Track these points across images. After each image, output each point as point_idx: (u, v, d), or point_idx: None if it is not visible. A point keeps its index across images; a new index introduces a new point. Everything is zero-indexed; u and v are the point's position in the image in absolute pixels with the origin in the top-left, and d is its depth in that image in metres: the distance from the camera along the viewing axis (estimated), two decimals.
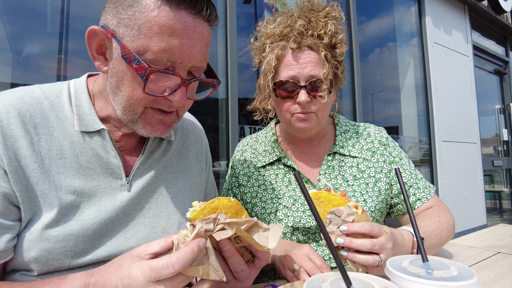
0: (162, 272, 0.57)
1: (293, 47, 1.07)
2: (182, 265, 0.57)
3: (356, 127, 1.31)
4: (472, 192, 4.73)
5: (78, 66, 2.23)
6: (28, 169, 0.73)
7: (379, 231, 0.77)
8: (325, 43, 1.08)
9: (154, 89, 0.74)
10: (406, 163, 1.23)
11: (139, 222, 0.88)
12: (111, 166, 0.85)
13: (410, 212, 0.72)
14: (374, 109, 4.34)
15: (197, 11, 0.73)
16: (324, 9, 1.12)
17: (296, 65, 1.08)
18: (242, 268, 0.70)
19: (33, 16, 2.09)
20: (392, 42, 4.77)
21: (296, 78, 1.07)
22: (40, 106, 0.79)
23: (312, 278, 0.56)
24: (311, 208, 0.62)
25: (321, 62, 1.08)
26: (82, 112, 0.83)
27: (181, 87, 0.75)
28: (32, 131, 0.76)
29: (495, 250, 1.17)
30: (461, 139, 4.72)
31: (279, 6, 3.17)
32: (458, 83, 4.83)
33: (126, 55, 0.70)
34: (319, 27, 1.08)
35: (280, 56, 1.09)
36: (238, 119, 2.78)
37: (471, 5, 5.08)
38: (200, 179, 1.07)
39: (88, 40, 0.76)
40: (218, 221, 0.64)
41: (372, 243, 0.75)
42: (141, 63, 0.69)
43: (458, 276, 0.55)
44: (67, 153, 0.79)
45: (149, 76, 0.71)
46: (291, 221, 1.11)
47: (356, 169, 1.19)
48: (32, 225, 0.74)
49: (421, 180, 1.23)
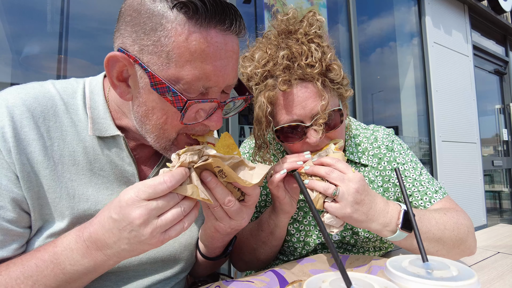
0: (157, 188, 0.58)
1: (283, 89, 0.89)
2: (176, 182, 0.59)
3: (366, 131, 1.21)
4: (472, 192, 4.73)
5: (78, 66, 2.23)
6: (40, 175, 0.71)
7: (344, 167, 0.82)
8: (316, 72, 0.91)
9: (191, 118, 0.70)
10: (409, 169, 1.11)
11: None
12: (125, 174, 0.82)
13: (410, 213, 0.72)
14: (374, 109, 4.34)
15: (227, 27, 0.66)
16: (301, 26, 0.95)
17: (294, 105, 0.91)
18: (228, 198, 0.70)
19: (33, 16, 2.09)
20: (392, 42, 4.77)
21: (300, 120, 0.92)
22: (54, 108, 0.75)
23: (312, 278, 0.56)
24: (311, 208, 0.62)
25: (319, 93, 0.91)
26: (96, 115, 0.78)
27: (217, 110, 0.72)
28: (45, 134, 0.72)
29: (495, 250, 1.17)
30: (461, 139, 4.72)
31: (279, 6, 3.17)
32: (458, 83, 4.83)
33: (157, 85, 0.65)
34: (305, 54, 0.91)
35: (272, 98, 0.93)
36: (238, 119, 2.77)
37: (471, 5, 5.07)
38: None
39: (108, 67, 0.69)
40: (203, 153, 0.66)
41: (329, 169, 0.79)
42: (177, 95, 0.64)
43: (458, 276, 0.55)
44: (80, 159, 0.76)
45: (188, 108, 0.66)
46: (303, 236, 1.10)
47: (367, 179, 1.13)
48: (42, 233, 0.72)
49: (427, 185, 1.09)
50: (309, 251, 1.11)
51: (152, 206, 0.58)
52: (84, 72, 2.22)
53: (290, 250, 1.13)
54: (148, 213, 0.58)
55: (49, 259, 0.64)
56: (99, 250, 0.62)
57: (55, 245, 0.65)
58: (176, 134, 0.73)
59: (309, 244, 1.10)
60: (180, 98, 0.64)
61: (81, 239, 0.63)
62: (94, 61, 2.30)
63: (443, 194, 1.07)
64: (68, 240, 0.64)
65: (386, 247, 1.17)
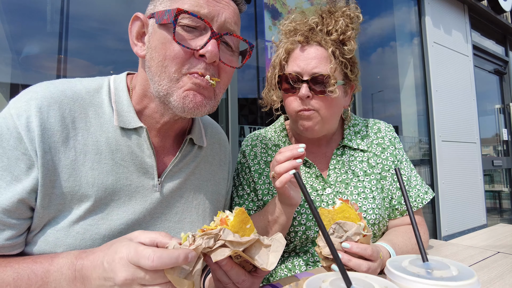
0: (141, 260, 0.55)
1: (300, 40, 1.08)
2: (162, 264, 0.55)
3: (365, 121, 1.30)
4: (472, 192, 4.73)
5: (78, 66, 2.23)
6: (60, 164, 0.74)
7: (376, 257, 0.80)
8: (333, 39, 1.08)
9: (185, 40, 0.76)
10: (405, 168, 1.21)
11: (165, 226, 0.87)
12: (144, 166, 0.84)
13: (410, 213, 0.72)
14: (374, 108, 4.34)
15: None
16: (340, 9, 1.12)
17: (302, 59, 1.08)
18: (243, 278, 0.69)
19: (33, 16, 2.09)
20: (392, 42, 4.77)
21: (300, 73, 1.07)
22: (80, 101, 0.80)
23: (312, 278, 0.56)
24: (311, 208, 0.62)
25: (328, 58, 1.07)
26: (121, 108, 0.83)
27: (211, 39, 0.76)
28: (70, 125, 0.77)
29: (495, 250, 1.17)
30: (461, 139, 4.72)
31: (279, 6, 3.17)
32: (458, 83, 4.83)
33: (160, 16, 0.75)
34: (330, 24, 1.09)
35: (290, 50, 1.11)
36: (238, 119, 2.77)
37: (471, 5, 5.07)
38: (221, 189, 1.06)
39: (131, 26, 0.82)
40: (219, 237, 0.62)
41: (368, 267, 0.77)
42: (171, 10, 0.73)
43: (458, 276, 0.55)
44: (102, 149, 0.79)
45: (178, 17, 0.73)
46: (304, 219, 1.12)
47: (366, 164, 1.19)
48: (58, 222, 0.74)
49: (414, 188, 1.20)
50: (310, 236, 1.12)
51: (139, 275, 0.56)
52: (84, 72, 2.22)
53: (290, 236, 1.14)
54: (132, 280, 0.56)
55: (40, 275, 0.65)
56: (83, 285, 0.63)
57: (51, 262, 0.66)
58: (176, 72, 0.76)
59: (310, 228, 1.11)
60: (173, 10, 0.73)
61: (74, 267, 0.64)
62: (94, 61, 2.30)
63: (432, 194, 1.20)
64: (63, 262, 0.65)
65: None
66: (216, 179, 1.04)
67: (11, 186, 0.70)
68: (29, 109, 0.72)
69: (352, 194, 1.13)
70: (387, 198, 1.17)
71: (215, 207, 1.02)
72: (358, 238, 0.78)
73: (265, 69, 3.07)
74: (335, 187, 1.15)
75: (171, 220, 0.89)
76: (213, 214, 1.00)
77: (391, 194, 1.17)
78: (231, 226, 0.66)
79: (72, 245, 0.74)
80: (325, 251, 0.78)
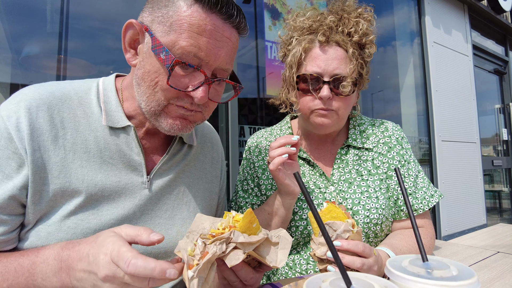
0: (119, 262, 0.56)
1: (321, 39, 1.06)
2: (135, 272, 0.54)
3: (372, 121, 1.30)
4: (472, 192, 4.72)
5: (78, 66, 2.23)
6: (50, 161, 0.76)
7: (369, 253, 0.79)
8: (354, 40, 1.08)
9: (178, 83, 0.76)
10: (412, 168, 1.18)
11: (155, 222, 0.89)
12: (133, 163, 0.86)
13: (411, 213, 0.72)
14: (374, 108, 4.34)
15: (227, 17, 0.76)
16: (356, 10, 1.12)
17: (322, 60, 1.06)
18: (251, 276, 0.71)
19: (33, 16, 2.09)
20: (392, 41, 4.76)
21: (320, 74, 1.06)
22: (68, 101, 0.82)
23: (312, 278, 0.56)
24: (311, 208, 0.62)
25: (348, 59, 1.07)
26: (109, 108, 0.85)
27: (203, 84, 0.77)
28: (59, 125, 0.79)
29: (495, 250, 1.17)
30: (461, 138, 4.72)
31: (279, 6, 3.17)
32: (458, 83, 4.82)
33: (156, 47, 0.74)
34: (350, 24, 1.08)
35: (307, 49, 1.09)
36: (238, 119, 2.77)
37: (471, 5, 5.07)
38: (214, 186, 1.08)
39: (124, 32, 0.80)
40: (231, 240, 0.63)
41: (362, 263, 0.76)
42: (169, 54, 0.73)
43: (458, 276, 0.55)
44: (91, 147, 0.82)
45: (174, 67, 0.74)
46: (306, 214, 1.12)
47: (371, 163, 1.18)
48: (49, 218, 0.76)
49: (420, 190, 1.16)
50: (311, 232, 1.12)
51: (119, 275, 0.56)
52: (84, 72, 2.22)
53: (291, 231, 1.14)
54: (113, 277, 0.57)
55: (27, 267, 0.67)
56: (68, 275, 0.63)
57: (37, 254, 0.67)
58: (166, 101, 0.78)
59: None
60: (171, 57, 0.73)
61: (60, 257, 0.64)
62: (94, 61, 2.30)
63: (439, 197, 1.16)
64: (49, 253, 0.66)
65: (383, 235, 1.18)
66: (208, 177, 1.06)
67: (2, 184, 0.72)
68: (19, 110, 0.75)
69: (355, 193, 1.13)
70: (392, 198, 1.16)
71: (207, 205, 1.04)
72: (348, 235, 0.78)
73: (265, 69, 3.07)
74: (338, 186, 1.16)
75: (162, 217, 0.90)
76: (206, 211, 1.02)
77: (396, 194, 1.16)
78: (239, 228, 0.66)
79: (63, 239, 0.75)
80: (318, 252, 0.78)
